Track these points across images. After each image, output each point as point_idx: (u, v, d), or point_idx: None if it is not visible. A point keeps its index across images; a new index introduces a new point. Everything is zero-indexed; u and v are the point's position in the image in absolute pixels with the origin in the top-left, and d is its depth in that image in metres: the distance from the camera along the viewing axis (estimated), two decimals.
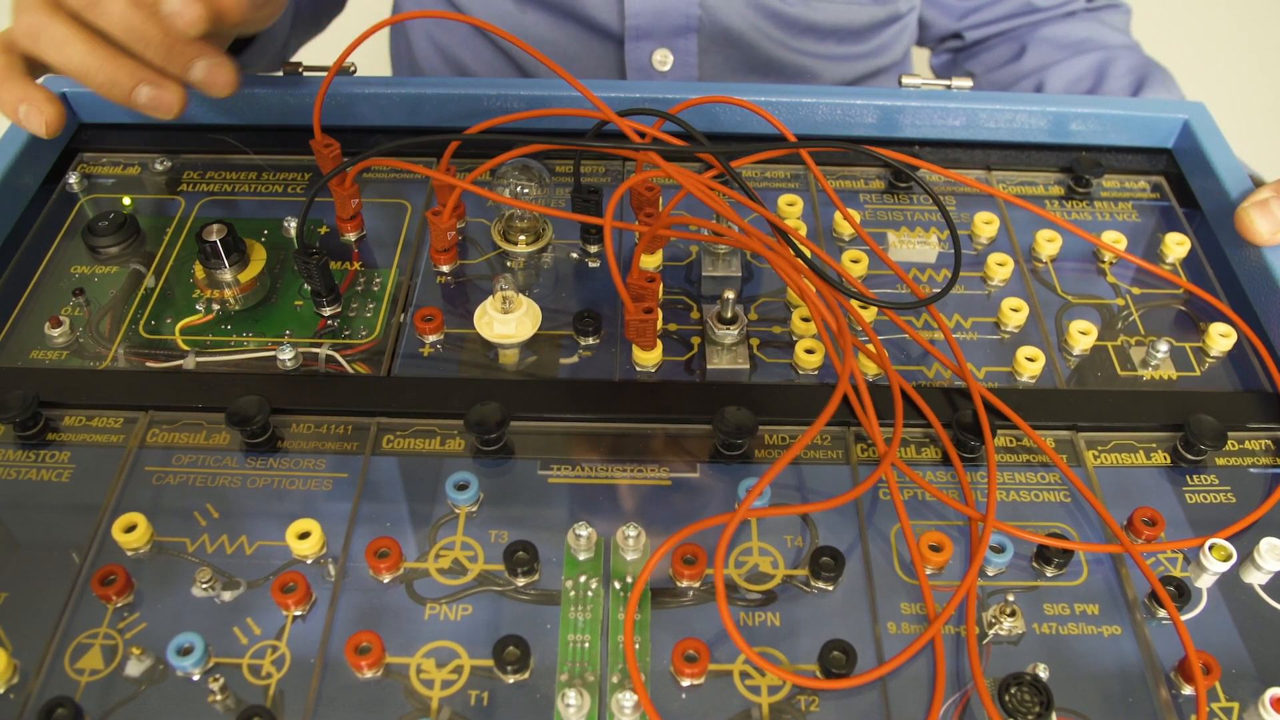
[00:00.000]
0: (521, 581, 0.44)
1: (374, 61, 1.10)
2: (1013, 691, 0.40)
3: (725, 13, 0.80)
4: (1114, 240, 0.58)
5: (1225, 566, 0.44)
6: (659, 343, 0.52)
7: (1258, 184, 0.59)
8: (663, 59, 0.81)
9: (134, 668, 0.41)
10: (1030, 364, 0.52)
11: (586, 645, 0.42)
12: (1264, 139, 1.29)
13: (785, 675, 0.40)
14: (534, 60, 0.84)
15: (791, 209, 0.59)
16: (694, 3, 0.79)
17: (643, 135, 0.55)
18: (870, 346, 0.51)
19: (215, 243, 0.54)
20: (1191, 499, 0.48)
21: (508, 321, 0.51)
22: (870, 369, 0.51)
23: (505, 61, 0.86)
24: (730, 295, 0.52)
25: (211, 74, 0.53)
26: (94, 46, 0.51)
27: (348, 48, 0.55)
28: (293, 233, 0.58)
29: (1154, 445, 0.50)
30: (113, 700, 0.40)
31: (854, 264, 0.56)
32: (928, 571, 0.44)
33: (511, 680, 0.41)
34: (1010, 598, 0.43)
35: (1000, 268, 0.57)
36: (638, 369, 0.52)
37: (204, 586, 0.43)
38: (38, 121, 0.53)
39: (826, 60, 0.86)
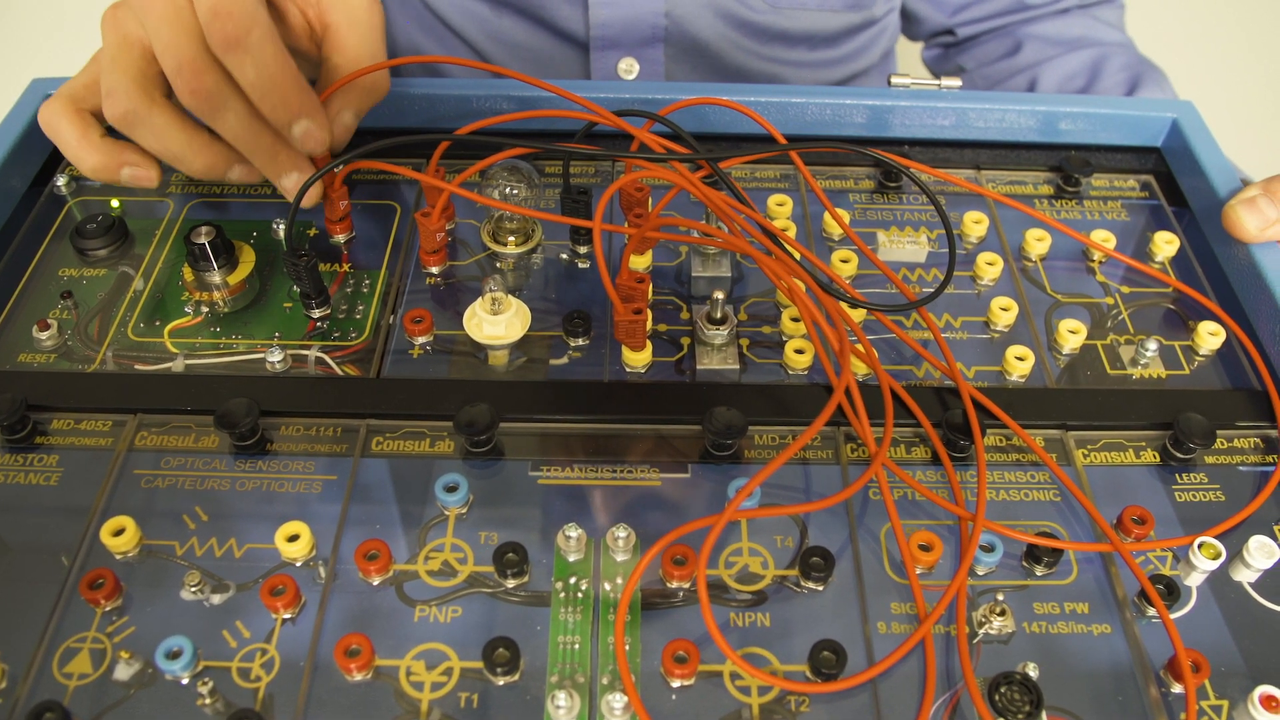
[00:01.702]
0: (511, 583, 0.44)
1: None
2: (1003, 691, 0.40)
3: (693, 23, 0.79)
4: (1103, 239, 0.58)
5: (1214, 564, 0.45)
6: (649, 343, 0.52)
7: (1246, 185, 0.59)
8: (628, 68, 0.81)
9: (123, 672, 0.40)
10: (1020, 363, 0.52)
11: (577, 646, 0.42)
12: (1253, 138, 1.30)
13: (772, 680, 0.40)
14: (508, 66, 0.84)
15: (781, 209, 0.59)
16: (660, 13, 0.78)
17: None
18: (859, 346, 0.51)
19: (204, 245, 0.54)
20: (1181, 497, 0.48)
21: (497, 323, 0.51)
22: (860, 368, 0.51)
23: (478, 63, 0.86)
24: (720, 296, 0.52)
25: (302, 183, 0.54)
26: (192, 136, 0.52)
27: (340, 81, 0.55)
28: (282, 234, 0.58)
29: (1143, 444, 0.50)
30: (102, 704, 0.40)
31: (843, 264, 0.56)
32: (918, 571, 0.44)
33: (501, 682, 0.41)
34: (1000, 597, 0.43)
35: (990, 267, 0.57)
36: (627, 370, 0.52)
37: (193, 589, 0.43)
38: (146, 178, 0.54)
39: (797, 67, 0.85)
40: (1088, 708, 0.41)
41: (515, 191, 0.55)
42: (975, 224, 0.59)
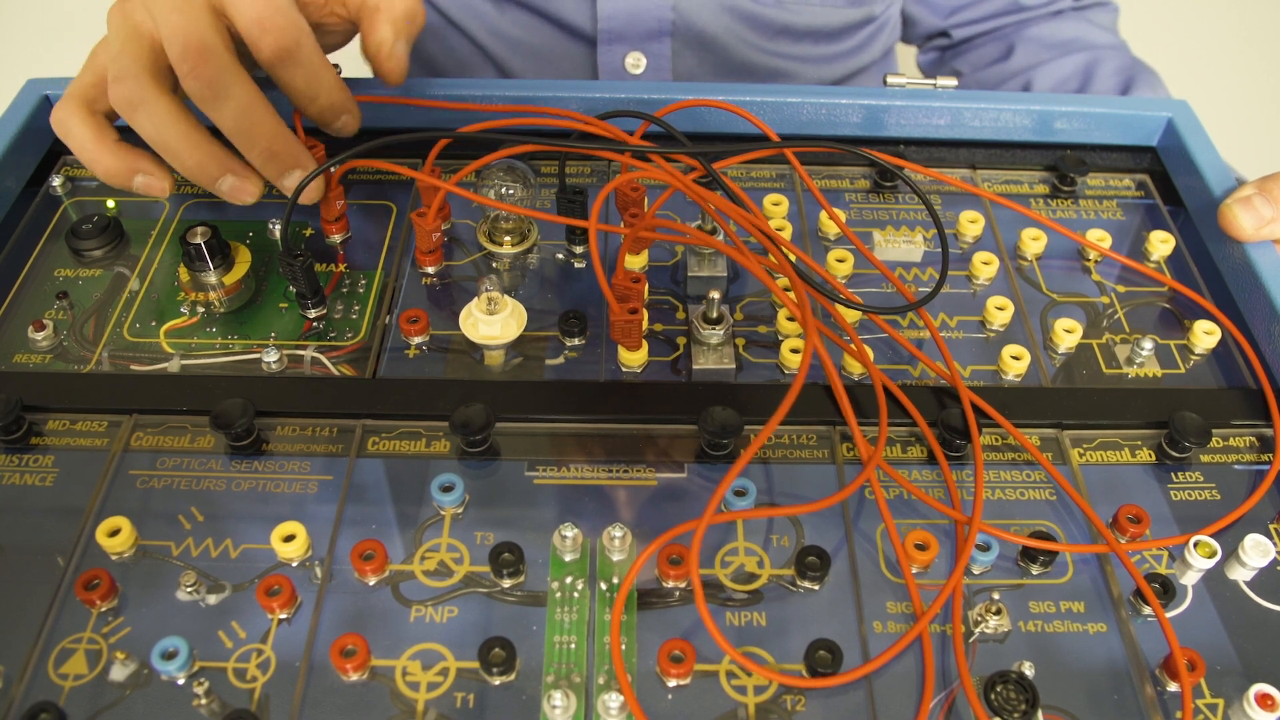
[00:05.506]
0: (507, 583, 0.44)
1: (359, 61, 1.10)
2: (998, 689, 0.40)
3: (699, 16, 0.80)
4: (1099, 238, 0.58)
5: (1210, 563, 0.45)
6: (644, 343, 0.52)
7: (1241, 184, 0.59)
8: (635, 62, 0.81)
9: (118, 672, 0.40)
10: (1016, 362, 0.52)
11: (572, 646, 0.42)
12: (1249, 137, 1.30)
13: (770, 674, 0.40)
14: (512, 61, 0.84)
15: (777, 209, 0.59)
16: (667, 6, 0.78)
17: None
18: (852, 346, 0.50)
19: (200, 245, 0.54)
20: (1176, 496, 0.48)
21: (493, 323, 0.51)
22: (856, 369, 0.51)
23: (481, 59, 0.86)
24: (715, 295, 0.52)
25: (308, 189, 0.54)
26: (190, 130, 0.51)
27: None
28: (277, 235, 0.58)
29: (1139, 443, 0.50)
30: (97, 705, 0.40)
31: (839, 263, 0.56)
32: (913, 570, 0.44)
33: (497, 682, 0.41)
34: (996, 596, 0.43)
35: (985, 266, 0.57)
36: (623, 369, 0.52)
37: (189, 590, 0.43)
38: (159, 188, 0.54)
39: (801, 62, 0.86)
40: (1083, 707, 0.41)
41: (511, 191, 0.55)
42: (971, 223, 0.59)
